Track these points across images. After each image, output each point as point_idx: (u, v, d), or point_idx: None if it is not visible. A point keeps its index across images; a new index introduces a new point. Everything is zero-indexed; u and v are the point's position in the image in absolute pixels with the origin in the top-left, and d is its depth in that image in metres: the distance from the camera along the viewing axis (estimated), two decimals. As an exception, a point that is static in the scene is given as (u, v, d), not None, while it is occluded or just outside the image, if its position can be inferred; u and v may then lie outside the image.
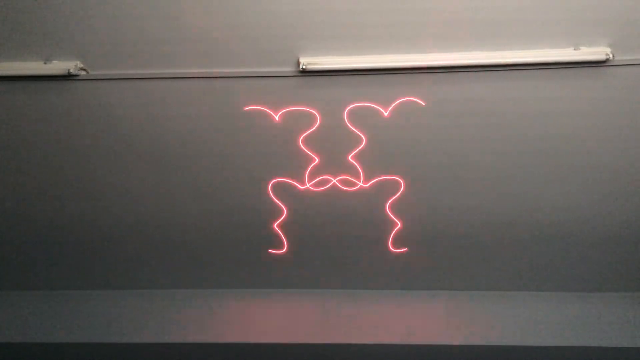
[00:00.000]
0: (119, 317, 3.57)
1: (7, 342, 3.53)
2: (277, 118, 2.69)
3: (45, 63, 2.54)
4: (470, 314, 3.52)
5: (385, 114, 2.66)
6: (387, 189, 3.06)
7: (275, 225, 3.27)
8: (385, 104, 2.69)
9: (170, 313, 3.57)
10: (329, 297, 3.61)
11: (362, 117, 2.74)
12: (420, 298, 3.59)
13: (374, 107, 2.69)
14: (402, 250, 3.36)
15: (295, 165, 2.98)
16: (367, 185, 3.02)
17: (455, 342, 3.44)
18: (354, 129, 2.78)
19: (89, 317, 3.59)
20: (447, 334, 3.46)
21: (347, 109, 2.71)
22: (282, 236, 3.32)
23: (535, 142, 2.81)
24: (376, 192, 3.07)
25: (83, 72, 2.57)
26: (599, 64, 2.48)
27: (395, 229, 3.25)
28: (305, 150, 2.88)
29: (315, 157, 2.91)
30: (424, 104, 2.66)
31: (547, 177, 2.96)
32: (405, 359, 3.56)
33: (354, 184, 3.02)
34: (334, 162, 2.95)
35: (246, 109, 2.70)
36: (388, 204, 3.12)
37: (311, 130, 2.79)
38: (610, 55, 2.42)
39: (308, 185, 3.03)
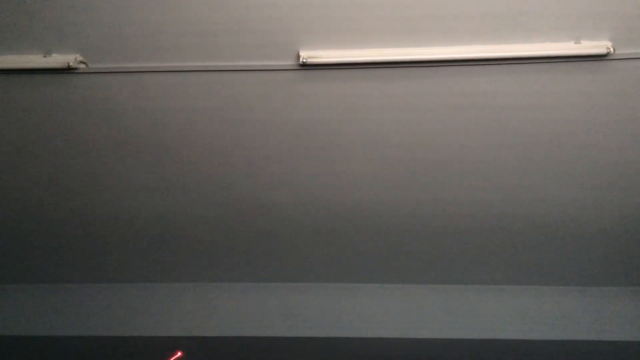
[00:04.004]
0: (118, 311, 3.59)
1: (7, 335, 3.54)
2: None
3: (44, 56, 2.53)
4: (469, 308, 3.53)
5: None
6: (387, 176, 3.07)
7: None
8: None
9: (170, 306, 3.58)
10: (328, 290, 3.62)
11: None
12: (418, 292, 3.60)
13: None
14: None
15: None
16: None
17: (454, 336, 3.46)
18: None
19: (88, 310, 3.60)
20: (446, 328, 3.48)
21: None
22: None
23: (535, 135, 2.80)
24: (377, 185, 3.08)
25: (83, 66, 2.57)
26: (600, 58, 2.46)
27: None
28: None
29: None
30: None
31: (546, 171, 2.96)
32: (404, 353, 3.58)
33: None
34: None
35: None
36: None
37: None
38: (612, 49, 2.41)
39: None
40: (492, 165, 2.94)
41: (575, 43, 2.43)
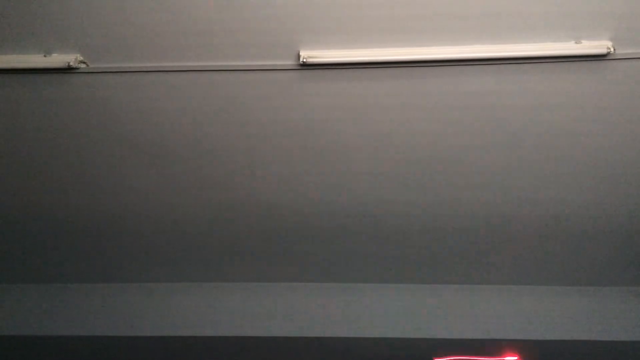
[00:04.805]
0: (118, 310, 3.59)
1: (7, 335, 3.54)
2: None
3: (45, 56, 2.53)
4: (469, 308, 3.53)
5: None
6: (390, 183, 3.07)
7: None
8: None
9: (170, 306, 3.58)
10: (328, 290, 3.62)
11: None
12: (418, 292, 3.59)
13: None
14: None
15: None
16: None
17: (454, 336, 3.45)
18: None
19: (88, 310, 3.60)
20: (446, 328, 3.48)
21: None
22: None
23: (536, 135, 2.80)
24: (377, 184, 3.08)
25: (83, 65, 2.57)
26: (600, 58, 2.47)
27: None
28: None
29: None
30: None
31: (546, 171, 2.96)
32: (404, 353, 3.58)
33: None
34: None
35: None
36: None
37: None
38: (612, 49, 2.41)
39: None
40: (492, 164, 2.94)
41: (576, 43, 2.43)
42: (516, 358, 3.30)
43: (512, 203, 3.12)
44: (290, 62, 2.55)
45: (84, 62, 2.56)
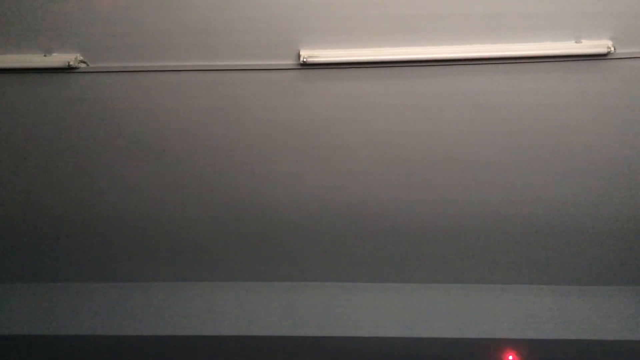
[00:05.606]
0: (119, 310, 3.59)
1: (7, 335, 3.54)
2: None
3: (45, 55, 2.53)
4: (469, 308, 3.53)
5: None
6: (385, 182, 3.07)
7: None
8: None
9: (170, 306, 3.58)
10: (328, 290, 3.62)
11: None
12: (418, 292, 3.60)
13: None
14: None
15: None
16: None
17: (454, 336, 3.46)
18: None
19: (89, 309, 3.61)
20: (446, 328, 3.48)
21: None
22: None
23: (536, 135, 2.80)
24: (377, 184, 3.08)
25: (83, 65, 2.56)
26: (601, 57, 2.46)
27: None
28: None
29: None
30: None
31: (546, 171, 2.96)
32: (404, 353, 3.58)
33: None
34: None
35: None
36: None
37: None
38: (612, 49, 2.41)
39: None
40: (491, 164, 2.94)
41: (576, 42, 2.43)
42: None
43: (512, 203, 3.12)
44: (290, 62, 2.55)
45: (84, 62, 2.56)
